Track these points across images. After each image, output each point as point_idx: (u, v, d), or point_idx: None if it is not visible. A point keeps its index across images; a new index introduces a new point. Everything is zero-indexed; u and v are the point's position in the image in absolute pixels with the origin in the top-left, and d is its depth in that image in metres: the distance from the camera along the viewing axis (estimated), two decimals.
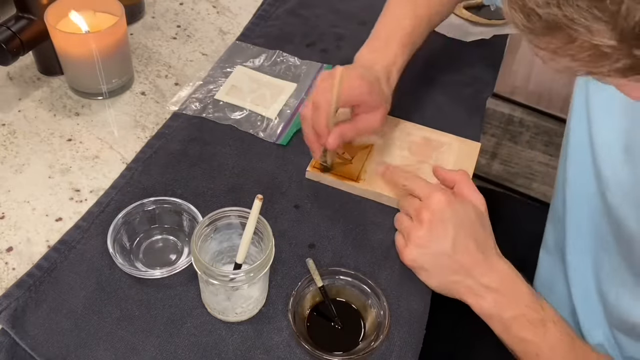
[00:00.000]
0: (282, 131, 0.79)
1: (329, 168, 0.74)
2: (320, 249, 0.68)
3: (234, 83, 0.85)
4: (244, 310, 0.61)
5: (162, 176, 0.73)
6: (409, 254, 0.63)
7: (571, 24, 0.36)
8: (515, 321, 0.61)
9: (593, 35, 0.36)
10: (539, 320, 0.61)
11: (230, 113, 0.81)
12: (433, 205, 0.63)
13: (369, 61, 0.73)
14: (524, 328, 0.61)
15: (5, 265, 0.65)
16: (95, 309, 0.61)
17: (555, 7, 0.36)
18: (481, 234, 0.64)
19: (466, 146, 0.79)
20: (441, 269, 0.63)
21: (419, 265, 0.64)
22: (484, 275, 0.62)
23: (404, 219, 0.66)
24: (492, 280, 0.62)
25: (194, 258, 0.56)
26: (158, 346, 0.59)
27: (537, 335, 0.60)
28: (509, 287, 0.62)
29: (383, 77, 0.72)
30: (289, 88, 0.85)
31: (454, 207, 0.63)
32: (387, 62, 0.74)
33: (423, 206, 0.64)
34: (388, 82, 0.73)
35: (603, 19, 0.35)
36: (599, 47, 0.36)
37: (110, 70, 0.80)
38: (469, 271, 0.62)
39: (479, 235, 0.64)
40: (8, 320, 0.59)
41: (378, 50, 0.75)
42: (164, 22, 0.96)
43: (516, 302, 0.62)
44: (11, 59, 0.76)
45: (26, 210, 0.70)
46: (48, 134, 0.78)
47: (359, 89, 0.68)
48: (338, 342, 0.61)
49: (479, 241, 0.63)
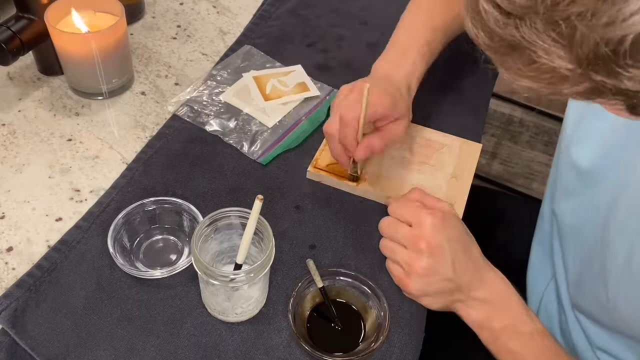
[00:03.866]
0: (266, 150, 0.77)
1: (358, 178, 0.74)
2: (320, 250, 0.68)
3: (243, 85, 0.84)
4: (244, 311, 0.61)
5: (162, 176, 0.73)
6: (414, 285, 0.62)
7: (530, 46, 0.35)
8: (503, 332, 0.62)
9: (551, 58, 0.35)
10: (527, 333, 0.62)
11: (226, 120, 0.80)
12: (427, 231, 0.62)
13: (388, 72, 0.73)
14: (512, 339, 0.62)
15: (5, 265, 0.65)
16: (95, 309, 0.61)
17: (513, 29, 0.35)
18: (470, 244, 0.65)
19: (467, 147, 0.79)
20: (443, 292, 0.63)
21: (424, 294, 0.63)
22: (478, 288, 0.63)
23: (398, 249, 0.64)
24: (484, 292, 0.63)
25: (194, 258, 0.56)
26: (158, 346, 0.59)
27: (523, 347, 0.61)
28: (500, 298, 0.63)
29: (404, 87, 0.72)
30: (296, 99, 0.84)
31: (445, 226, 0.63)
32: (406, 72, 0.73)
33: (417, 234, 0.63)
34: (408, 92, 0.73)
35: (560, 42, 0.34)
36: (558, 70, 0.35)
37: (110, 70, 0.80)
38: (465, 287, 0.63)
39: (468, 246, 0.65)
40: (8, 320, 0.59)
41: (396, 61, 0.75)
42: (164, 22, 0.96)
43: (506, 314, 0.63)
44: (11, 59, 0.76)
45: (26, 210, 0.70)
46: (48, 134, 0.78)
47: (382, 104, 0.68)
48: (338, 343, 0.61)
49: (471, 253, 0.64)
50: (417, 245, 0.62)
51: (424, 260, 0.62)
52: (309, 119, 0.81)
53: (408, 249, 0.63)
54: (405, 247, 0.64)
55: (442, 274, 0.62)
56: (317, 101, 0.84)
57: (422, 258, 0.62)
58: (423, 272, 0.62)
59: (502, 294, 0.63)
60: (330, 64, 0.90)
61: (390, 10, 1.01)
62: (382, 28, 0.97)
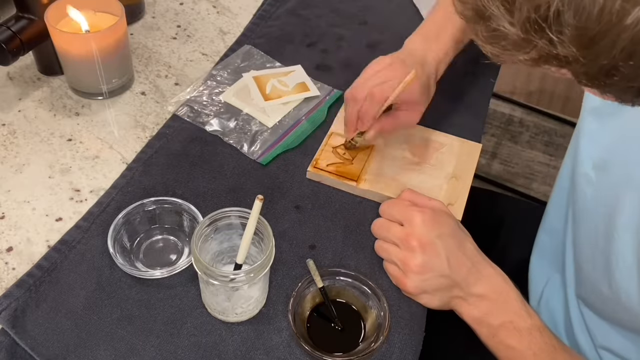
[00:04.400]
0: (266, 150, 0.77)
1: (355, 146, 0.75)
2: (320, 250, 0.68)
3: (243, 85, 0.85)
4: (244, 311, 0.61)
5: (162, 176, 0.73)
6: (410, 283, 0.63)
7: (487, 12, 0.38)
8: (502, 328, 0.62)
9: (503, 24, 0.38)
10: (526, 329, 0.61)
11: (226, 120, 0.80)
12: (417, 229, 0.63)
13: (422, 51, 0.74)
14: (511, 335, 0.61)
15: (5, 265, 0.65)
16: (95, 309, 0.61)
17: None
18: (464, 239, 0.65)
19: (467, 147, 0.79)
20: (440, 289, 0.63)
21: (422, 291, 0.63)
22: (475, 284, 0.63)
23: (392, 249, 0.65)
24: (482, 288, 0.63)
25: (194, 258, 0.56)
26: (158, 346, 0.59)
27: (522, 343, 0.61)
28: (499, 294, 0.63)
29: (433, 74, 0.73)
30: (296, 99, 0.84)
31: (436, 223, 0.63)
32: (439, 56, 0.74)
33: (408, 232, 0.63)
34: (435, 79, 0.74)
35: (506, 8, 0.37)
36: (510, 36, 0.38)
37: (110, 70, 0.80)
38: (462, 283, 0.63)
39: (462, 242, 0.65)
40: (8, 320, 0.59)
41: (431, 40, 0.75)
42: (164, 22, 0.96)
43: (505, 310, 0.62)
44: (11, 59, 0.76)
45: (26, 210, 0.70)
46: (48, 134, 0.78)
47: (412, 92, 0.69)
48: (338, 343, 0.61)
49: (465, 248, 0.64)
50: (409, 244, 0.63)
51: (417, 258, 0.62)
52: (308, 119, 0.81)
53: (401, 248, 0.63)
54: (398, 246, 0.64)
55: (437, 270, 0.62)
56: (317, 101, 0.84)
57: (415, 256, 0.62)
58: (418, 269, 0.62)
59: (500, 289, 0.63)
60: (330, 64, 0.90)
61: (391, 10, 1.01)
62: (382, 28, 0.97)
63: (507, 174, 1.90)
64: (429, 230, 0.63)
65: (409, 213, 0.64)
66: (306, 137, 0.80)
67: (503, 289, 0.63)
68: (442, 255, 0.62)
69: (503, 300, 0.63)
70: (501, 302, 0.63)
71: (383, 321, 0.61)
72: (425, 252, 0.62)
